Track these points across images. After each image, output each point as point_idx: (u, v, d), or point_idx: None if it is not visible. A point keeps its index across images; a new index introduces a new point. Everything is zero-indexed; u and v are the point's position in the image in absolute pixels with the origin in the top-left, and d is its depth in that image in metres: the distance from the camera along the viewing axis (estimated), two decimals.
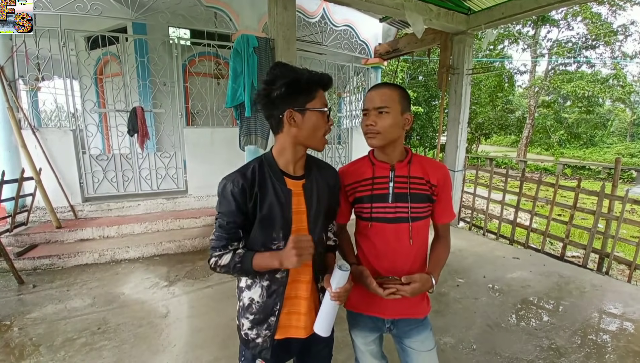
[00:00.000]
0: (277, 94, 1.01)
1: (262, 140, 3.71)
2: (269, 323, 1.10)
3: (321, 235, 1.15)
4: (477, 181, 5.07)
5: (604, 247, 3.79)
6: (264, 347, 1.11)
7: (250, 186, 1.03)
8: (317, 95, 1.04)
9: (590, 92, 15.40)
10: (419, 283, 1.10)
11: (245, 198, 1.02)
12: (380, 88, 1.17)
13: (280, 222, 1.05)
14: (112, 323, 2.55)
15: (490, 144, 27.24)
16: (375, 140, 1.17)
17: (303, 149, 1.10)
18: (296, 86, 1.01)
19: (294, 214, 1.07)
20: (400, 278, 1.11)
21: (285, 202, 1.06)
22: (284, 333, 1.13)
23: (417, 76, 18.40)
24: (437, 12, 4.27)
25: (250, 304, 1.11)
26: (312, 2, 5.46)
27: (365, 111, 1.18)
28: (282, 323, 1.12)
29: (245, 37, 3.46)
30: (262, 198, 1.04)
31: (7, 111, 3.91)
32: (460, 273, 3.44)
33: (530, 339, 2.40)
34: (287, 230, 1.06)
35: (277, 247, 1.06)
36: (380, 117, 1.14)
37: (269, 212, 1.04)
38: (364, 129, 1.19)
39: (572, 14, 15.88)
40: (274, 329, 1.10)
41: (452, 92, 4.99)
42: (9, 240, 3.77)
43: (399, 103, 1.15)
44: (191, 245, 4.12)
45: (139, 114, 4.61)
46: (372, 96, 1.16)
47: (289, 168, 1.09)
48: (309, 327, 1.12)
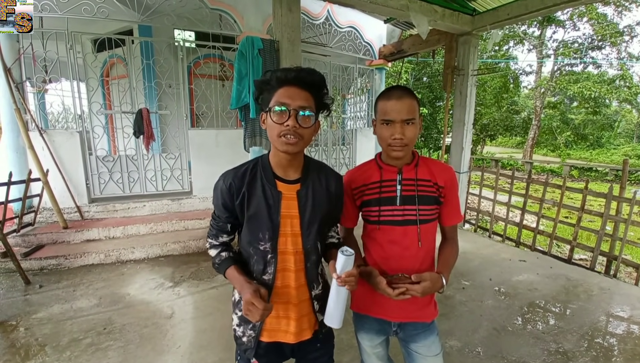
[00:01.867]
0: (256, 97, 1.05)
1: (267, 142, 3.72)
2: (253, 323, 1.09)
3: (315, 242, 1.10)
4: (482, 183, 5.04)
5: (612, 250, 3.74)
6: (249, 346, 1.11)
7: (238, 185, 1.03)
8: (275, 93, 0.98)
9: (597, 93, 15.24)
10: (430, 282, 1.07)
11: (232, 196, 1.04)
12: (403, 98, 1.11)
13: (267, 223, 1.04)
14: (118, 324, 2.56)
15: (495, 145, 27.07)
16: (402, 153, 1.14)
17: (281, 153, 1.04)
18: (261, 88, 1.01)
19: (283, 218, 1.05)
20: (410, 276, 1.09)
21: (274, 204, 1.04)
22: (272, 336, 1.11)
23: (421, 77, 18.33)
24: (442, 13, 4.25)
25: (240, 300, 1.11)
26: (317, 4, 5.47)
27: (388, 122, 1.12)
28: (270, 326, 1.10)
29: (250, 38, 3.47)
30: (249, 198, 1.04)
31: (14, 113, 3.95)
32: (466, 276, 3.41)
33: (537, 343, 2.37)
34: (274, 232, 1.04)
35: (264, 248, 1.05)
36: (408, 129, 1.11)
37: (256, 212, 1.04)
38: (387, 141, 1.13)
39: (577, 15, 15.74)
40: (259, 330, 1.09)
41: (457, 93, 4.96)
42: (16, 240, 3.80)
43: (418, 110, 1.14)
44: (196, 246, 4.13)
45: (144, 115, 4.64)
46: (397, 107, 1.10)
47: (280, 171, 1.07)
48: (299, 333, 1.11)
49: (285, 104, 0.95)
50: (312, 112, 0.99)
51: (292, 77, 0.97)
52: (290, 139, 0.96)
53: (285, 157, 1.03)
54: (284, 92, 0.97)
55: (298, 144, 0.98)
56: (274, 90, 0.98)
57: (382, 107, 1.14)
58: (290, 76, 0.97)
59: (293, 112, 0.95)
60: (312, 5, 5.43)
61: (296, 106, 0.96)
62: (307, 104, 0.98)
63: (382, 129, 1.15)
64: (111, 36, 4.59)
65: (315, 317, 1.14)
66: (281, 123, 0.96)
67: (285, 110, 0.95)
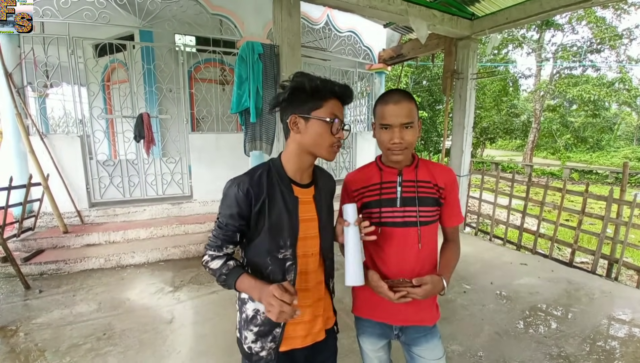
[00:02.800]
0: (283, 98, 1.02)
1: (267, 146, 3.73)
2: (274, 335, 1.07)
3: (331, 241, 1.17)
4: (482, 186, 5.04)
5: (613, 253, 3.73)
6: (269, 359, 1.07)
7: (257, 192, 1.00)
8: (324, 104, 1.01)
9: (596, 96, 15.31)
10: (430, 285, 1.08)
11: (250, 203, 1.00)
12: (401, 102, 1.11)
13: (288, 230, 1.04)
14: (118, 329, 2.55)
15: (495, 148, 27.12)
16: (401, 156, 1.15)
17: (310, 157, 1.07)
18: (301, 92, 1.00)
19: (301, 222, 1.06)
20: (410, 280, 1.09)
21: (293, 209, 1.05)
22: (290, 344, 1.10)
23: (421, 81, 18.41)
24: (441, 17, 4.27)
25: (255, 315, 1.07)
26: (316, 9, 5.50)
27: (387, 126, 1.13)
28: (288, 334, 1.09)
29: (250, 43, 3.49)
30: (271, 205, 1.02)
31: (15, 117, 3.96)
32: (467, 280, 3.40)
33: (539, 347, 2.36)
34: (294, 238, 1.05)
35: (284, 255, 1.04)
36: (407, 132, 1.12)
37: (278, 219, 1.02)
38: (386, 145, 1.15)
39: (576, 18, 15.84)
40: (279, 341, 1.07)
41: (457, 97, 4.98)
42: (16, 245, 3.79)
43: (417, 113, 1.15)
44: (196, 250, 4.12)
45: (145, 120, 4.66)
46: (395, 111, 1.11)
47: (296, 175, 1.08)
48: (314, 334, 1.12)
49: (339, 118, 1.03)
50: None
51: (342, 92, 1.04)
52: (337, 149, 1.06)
53: (312, 163, 1.10)
54: (336, 106, 1.03)
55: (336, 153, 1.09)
56: (322, 101, 1.01)
57: (381, 112, 1.14)
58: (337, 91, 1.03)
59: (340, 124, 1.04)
60: (312, 10, 5.47)
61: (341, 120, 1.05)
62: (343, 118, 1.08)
63: (381, 133, 1.16)
64: (112, 41, 4.61)
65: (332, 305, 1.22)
66: (332, 134, 1.02)
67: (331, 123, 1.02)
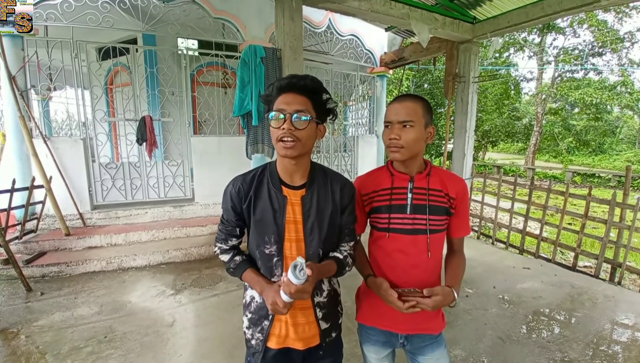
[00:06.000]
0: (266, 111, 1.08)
1: (269, 149, 3.73)
2: (262, 326, 1.11)
3: (318, 249, 1.09)
4: (484, 189, 5.02)
5: (616, 257, 3.70)
6: (256, 350, 1.13)
7: (246, 189, 1.08)
8: (275, 102, 1.03)
9: (598, 99, 15.27)
10: (441, 296, 1.05)
11: (240, 200, 1.08)
12: (405, 101, 1.12)
13: (273, 227, 1.07)
14: (119, 332, 2.54)
15: (497, 151, 27.02)
16: (398, 154, 1.14)
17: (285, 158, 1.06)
18: (266, 101, 1.07)
19: (288, 223, 1.07)
20: (421, 291, 1.06)
21: (279, 208, 1.07)
22: (282, 342, 1.12)
23: (422, 84, 18.42)
24: (442, 21, 4.29)
25: (250, 302, 1.15)
26: (318, 13, 5.52)
27: (388, 124, 1.15)
28: (278, 331, 1.11)
29: (253, 47, 3.51)
30: (256, 202, 1.08)
31: (18, 120, 3.98)
32: (470, 284, 3.38)
33: (542, 352, 2.34)
34: (279, 236, 1.07)
35: (270, 251, 1.08)
36: (405, 131, 1.11)
37: (262, 216, 1.07)
38: (386, 142, 1.16)
39: (578, 22, 15.85)
40: (266, 335, 1.11)
41: (459, 100, 4.98)
42: (18, 247, 3.80)
43: (423, 116, 1.12)
44: (197, 253, 4.12)
45: (147, 123, 4.68)
46: (396, 109, 1.12)
47: (286, 176, 1.09)
48: (308, 339, 1.12)
49: (282, 110, 1.00)
50: (308, 116, 1.01)
51: (285, 84, 1.02)
52: (287, 143, 1.00)
53: (289, 162, 1.06)
54: (282, 99, 1.01)
55: (296, 148, 1.00)
56: (276, 97, 1.03)
57: (386, 110, 1.18)
58: (284, 83, 1.02)
59: (288, 116, 0.99)
60: (314, 14, 5.49)
61: (292, 110, 0.99)
62: (302, 107, 1.00)
63: (384, 131, 1.18)
64: (116, 45, 4.65)
65: (317, 324, 1.13)
66: (278, 127, 1.00)
67: (282, 116, 1.00)
